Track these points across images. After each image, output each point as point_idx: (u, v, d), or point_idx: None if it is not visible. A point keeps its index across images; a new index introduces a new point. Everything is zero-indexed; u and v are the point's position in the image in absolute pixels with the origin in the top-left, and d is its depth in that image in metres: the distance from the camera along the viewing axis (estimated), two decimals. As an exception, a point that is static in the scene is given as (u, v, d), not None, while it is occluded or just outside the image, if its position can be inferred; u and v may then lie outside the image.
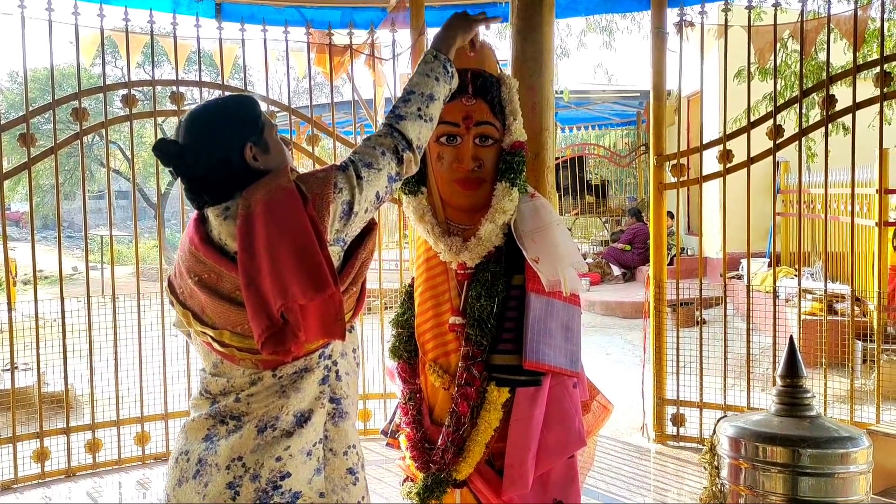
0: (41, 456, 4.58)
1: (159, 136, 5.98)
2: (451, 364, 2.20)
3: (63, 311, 4.63)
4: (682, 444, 4.96)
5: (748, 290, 5.03)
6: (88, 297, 4.72)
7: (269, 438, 1.64)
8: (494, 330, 2.14)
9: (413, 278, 2.36)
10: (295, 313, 1.55)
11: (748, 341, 4.84)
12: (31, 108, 4.50)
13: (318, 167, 5.55)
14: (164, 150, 1.68)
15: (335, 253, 1.66)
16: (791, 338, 2.09)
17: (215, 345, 1.70)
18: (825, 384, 4.58)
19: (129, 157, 5.45)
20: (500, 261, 2.18)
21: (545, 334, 2.13)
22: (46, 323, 4.96)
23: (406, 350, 2.31)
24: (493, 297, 2.15)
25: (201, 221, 1.71)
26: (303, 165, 10.24)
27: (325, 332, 1.60)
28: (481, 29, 2.14)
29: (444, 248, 2.20)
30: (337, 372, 1.73)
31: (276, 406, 1.65)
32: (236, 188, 1.67)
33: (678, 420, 5.00)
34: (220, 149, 1.68)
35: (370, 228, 1.77)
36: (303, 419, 1.66)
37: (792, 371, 1.97)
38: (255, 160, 1.70)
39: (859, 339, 5.60)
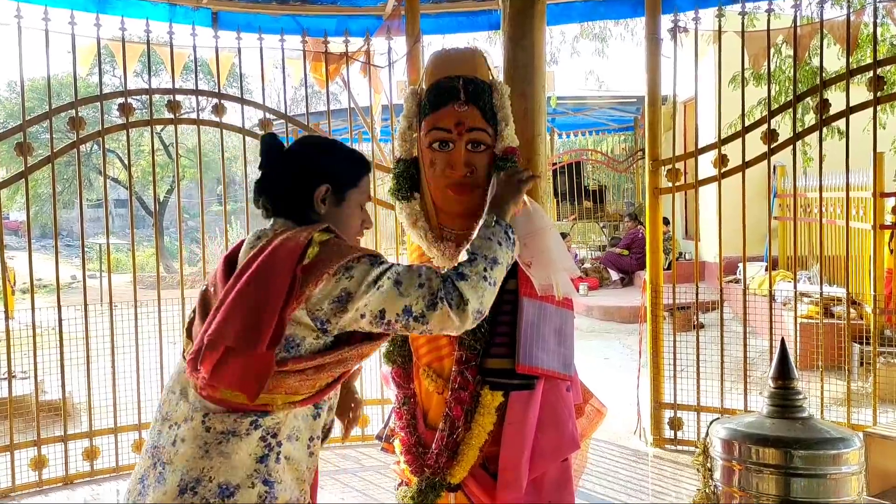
0: (39, 464, 4.58)
1: (156, 144, 5.95)
2: (444, 369, 2.21)
3: (60, 320, 4.64)
4: (679, 447, 4.97)
5: (745, 294, 5.04)
6: (85, 305, 4.73)
7: (185, 499, 1.51)
8: (488, 334, 2.16)
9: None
10: (215, 350, 1.50)
11: (745, 345, 4.85)
12: (28, 118, 4.52)
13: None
14: (268, 142, 1.73)
15: (307, 327, 1.54)
16: (783, 339, 2.11)
17: (184, 355, 1.67)
18: (822, 387, 4.59)
19: (127, 165, 5.46)
20: (492, 265, 2.19)
21: (538, 338, 2.14)
22: (44, 331, 4.96)
23: (400, 355, 2.32)
24: (486, 304, 2.16)
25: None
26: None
27: (238, 385, 1.50)
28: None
29: (437, 254, 2.21)
30: (279, 454, 1.56)
31: (198, 467, 1.52)
32: (287, 214, 1.69)
33: (675, 424, 5.00)
34: (304, 169, 1.69)
35: (372, 338, 1.63)
36: (227, 493, 1.51)
37: (784, 373, 1.98)
38: (322, 203, 1.69)
39: (856, 342, 5.61)
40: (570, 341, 2.21)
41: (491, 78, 2.28)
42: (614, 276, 11.64)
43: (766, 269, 7.78)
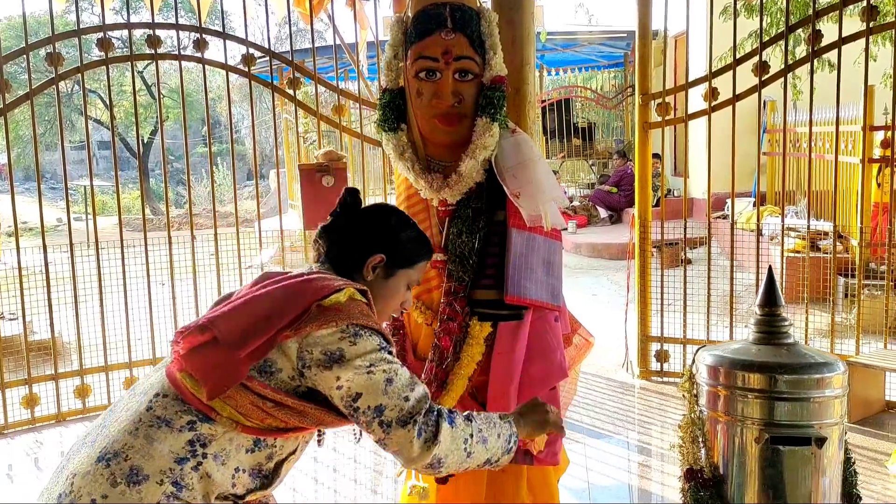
0: (30, 402, 4.61)
1: (138, 84, 5.77)
2: (433, 300, 2.22)
3: (46, 262, 4.61)
4: (665, 379, 5.05)
5: (732, 229, 5.06)
6: (71, 246, 4.70)
7: (98, 469, 1.45)
8: (476, 266, 2.16)
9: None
10: (203, 333, 1.50)
11: (731, 279, 4.89)
12: (3, 54, 4.39)
13: (300, 113, 5.44)
14: (350, 195, 1.76)
15: (290, 360, 1.49)
16: (770, 267, 2.12)
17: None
18: (806, 319, 4.65)
19: (109, 105, 5.36)
20: (481, 197, 2.18)
21: (526, 269, 2.14)
22: (31, 273, 4.94)
23: (388, 288, 2.32)
24: (474, 233, 2.15)
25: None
26: (285, 111, 10.10)
27: (202, 375, 1.47)
28: None
29: (424, 186, 2.19)
30: (199, 464, 1.46)
31: (122, 441, 1.46)
32: (336, 265, 1.69)
33: (662, 356, 5.08)
34: (369, 233, 1.72)
35: (338, 413, 1.55)
36: (134, 479, 1.43)
37: (770, 300, 1.99)
38: (371, 270, 1.69)
39: (841, 275, 5.66)
40: (559, 272, 2.22)
41: (478, 5, 2.23)
42: (603, 213, 11.65)
43: (754, 205, 7.80)
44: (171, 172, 20.65)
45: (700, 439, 2.09)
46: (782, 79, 4.64)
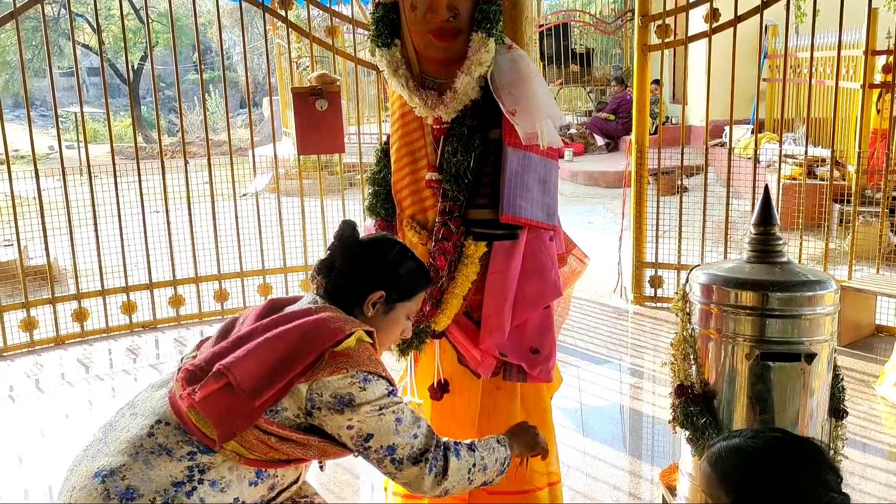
0: (29, 325, 4.65)
1: (126, 6, 5.65)
2: (428, 220, 2.21)
3: (39, 188, 4.58)
4: (658, 304, 5.10)
5: (730, 156, 5.03)
6: (63, 172, 4.66)
7: (93, 484, 1.48)
8: (471, 185, 2.13)
9: (388, 135, 2.33)
10: (219, 381, 1.49)
11: (727, 205, 4.88)
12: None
13: (293, 37, 5.30)
14: (347, 230, 1.73)
15: (298, 402, 1.51)
16: (766, 186, 2.10)
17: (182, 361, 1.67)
18: (800, 245, 4.67)
19: (96, 28, 5.23)
20: (476, 115, 2.14)
21: (522, 188, 2.13)
22: (24, 201, 4.91)
23: (383, 207, 2.31)
24: (469, 151, 2.13)
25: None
26: (277, 35, 9.87)
27: (216, 420, 1.48)
28: None
29: (419, 103, 2.15)
30: (194, 489, 1.47)
31: (120, 462, 1.49)
32: (336, 301, 1.68)
33: (656, 282, 5.11)
34: (368, 271, 1.70)
35: (342, 444, 1.58)
36: (129, 498, 1.45)
37: (765, 219, 1.99)
38: (371, 306, 1.69)
39: (837, 202, 5.66)
40: (554, 191, 2.20)
41: (474, -86, 2.14)
42: (600, 141, 11.56)
43: (753, 132, 7.74)
44: (163, 100, 20.33)
45: (691, 357, 2.11)
46: (785, 0, 4.54)
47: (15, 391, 4.14)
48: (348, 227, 1.75)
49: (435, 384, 2.24)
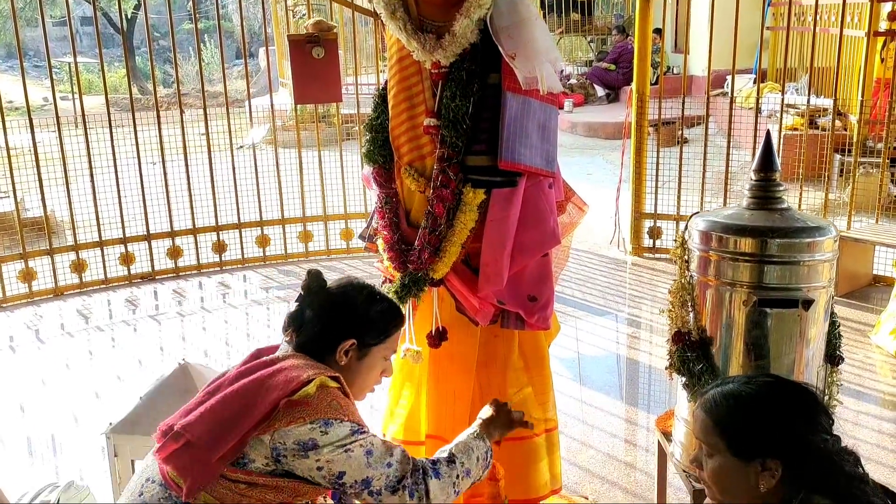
0: (27, 276, 4.65)
1: (116, -54, 5.48)
2: (426, 167, 2.18)
3: (34, 140, 4.55)
4: (657, 255, 5.10)
5: (731, 106, 4.97)
6: (58, 123, 4.62)
7: None
8: (470, 131, 2.10)
9: (386, 81, 2.29)
10: (177, 441, 1.54)
11: (728, 156, 4.85)
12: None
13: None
14: (313, 280, 1.73)
15: (263, 452, 1.53)
16: (768, 132, 2.08)
17: None
18: (800, 195, 4.65)
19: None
20: (475, 59, 2.10)
21: (521, 134, 2.10)
22: (19, 153, 4.87)
23: (381, 154, 2.27)
24: (468, 96, 2.09)
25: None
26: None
27: (180, 473, 1.53)
28: None
29: (417, 47, 2.11)
30: None
31: None
32: (309, 352, 1.67)
33: (654, 233, 5.11)
34: (336, 320, 1.69)
35: (315, 483, 1.59)
36: None
37: (766, 165, 1.96)
38: (344, 355, 1.68)
39: (838, 153, 5.63)
40: (554, 137, 2.18)
41: None
42: (600, 91, 11.44)
43: (755, 82, 7.64)
44: (157, 50, 20.02)
45: (689, 304, 2.11)
46: (791, -56, 4.45)
47: (15, 341, 4.16)
48: (314, 278, 1.74)
49: (433, 332, 2.25)
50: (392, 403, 2.42)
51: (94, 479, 2.68)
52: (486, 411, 1.85)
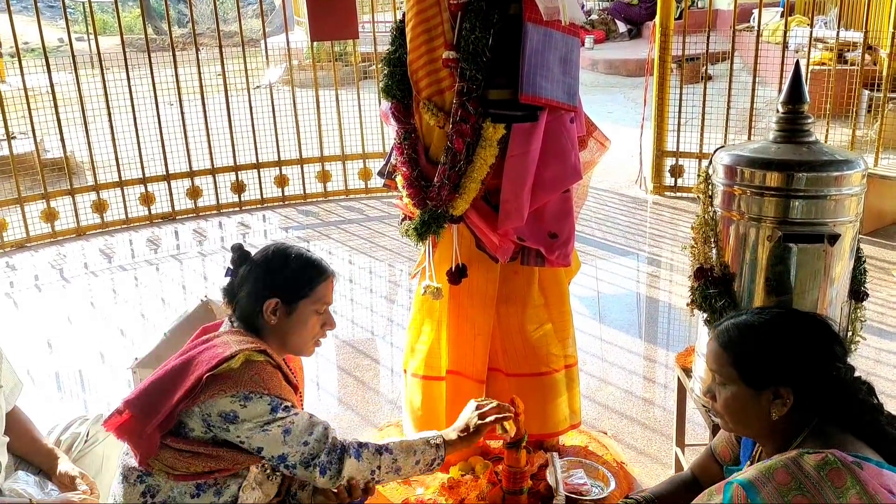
0: (50, 216, 4.69)
1: None
2: (445, 101, 2.14)
3: (51, 81, 4.53)
4: (678, 194, 5.04)
5: (757, 40, 4.84)
6: (75, 64, 4.59)
7: None
8: (490, 63, 2.06)
9: (404, 13, 2.24)
10: (121, 414, 1.63)
11: (753, 92, 4.74)
12: None
13: None
14: (235, 253, 1.78)
15: (198, 423, 1.61)
16: (797, 62, 2.01)
17: None
18: (827, 132, 4.55)
19: None
20: (495, -12, 2.05)
21: (542, 66, 2.06)
22: (37, 94, 4.86)
23: (399, 89, 2.23)
24: (487, 28, 2.04)
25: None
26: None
27: (131, 444, 1.63)
28: None
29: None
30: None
31: (114, 494, 1.69)
32: (242, 320, 1.74)
33: (676, 171, 5.04)
34: (256, 283, 1.73)
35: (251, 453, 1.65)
36: None
37: (794, 96, 1.91)
38: (272, 314, 1.72)
39: (867, 89, 5.48)
40: (576, 70, 2.13)
41: None
42: (622, 27, 11.18)
43: (782, 15, 7.43)
44: None
45: (712, 240, 2.08)
46: None
47: (41, 280, 4.22)
48: (237, 251, 1.79)
49: (453, 269, 2.24)
50: (412, 339, 2.43)
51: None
52: (468, 416, 1.84)
